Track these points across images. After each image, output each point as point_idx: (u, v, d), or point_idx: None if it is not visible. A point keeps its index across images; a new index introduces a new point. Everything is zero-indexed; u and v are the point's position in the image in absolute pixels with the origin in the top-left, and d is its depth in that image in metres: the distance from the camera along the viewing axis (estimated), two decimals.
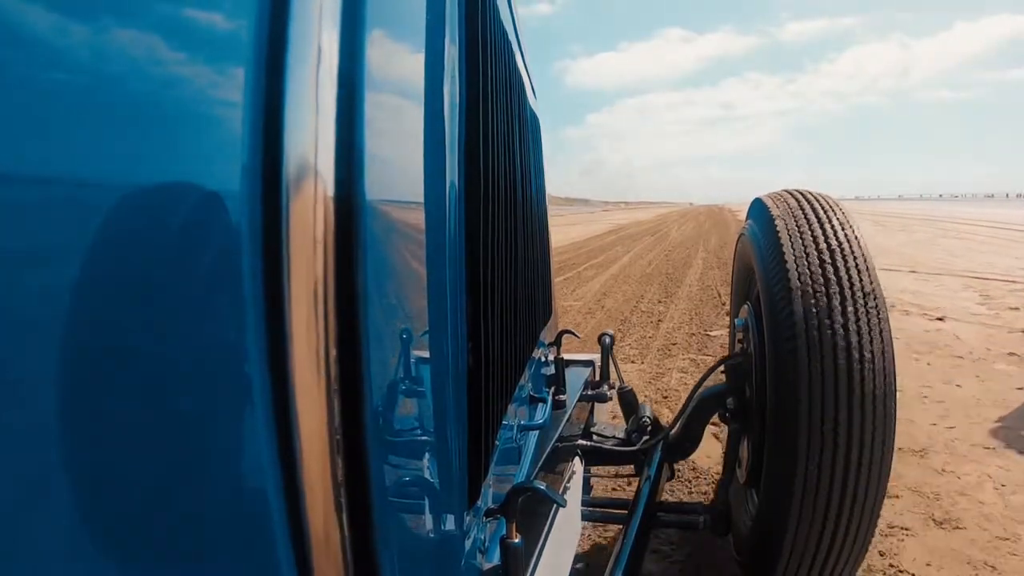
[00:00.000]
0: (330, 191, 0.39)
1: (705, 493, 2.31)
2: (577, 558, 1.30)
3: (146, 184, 0.31)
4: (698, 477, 2.44)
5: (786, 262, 1.35)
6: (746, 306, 1.71)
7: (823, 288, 1.30)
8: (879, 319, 1.28)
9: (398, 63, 0.55)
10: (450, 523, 0.65)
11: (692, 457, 1.95)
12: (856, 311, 1.28)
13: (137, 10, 0.31)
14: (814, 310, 1.29)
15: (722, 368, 1.72)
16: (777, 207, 1.51)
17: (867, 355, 1.25)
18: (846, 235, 1.38)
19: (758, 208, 1.61)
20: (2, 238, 0.25)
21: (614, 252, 12.81)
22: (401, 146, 0.54)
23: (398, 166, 0.53)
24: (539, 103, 1.66)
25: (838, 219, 1.42)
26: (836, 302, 1.28)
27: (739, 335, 1.72)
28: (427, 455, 0.59)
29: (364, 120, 0.42)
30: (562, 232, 21.02)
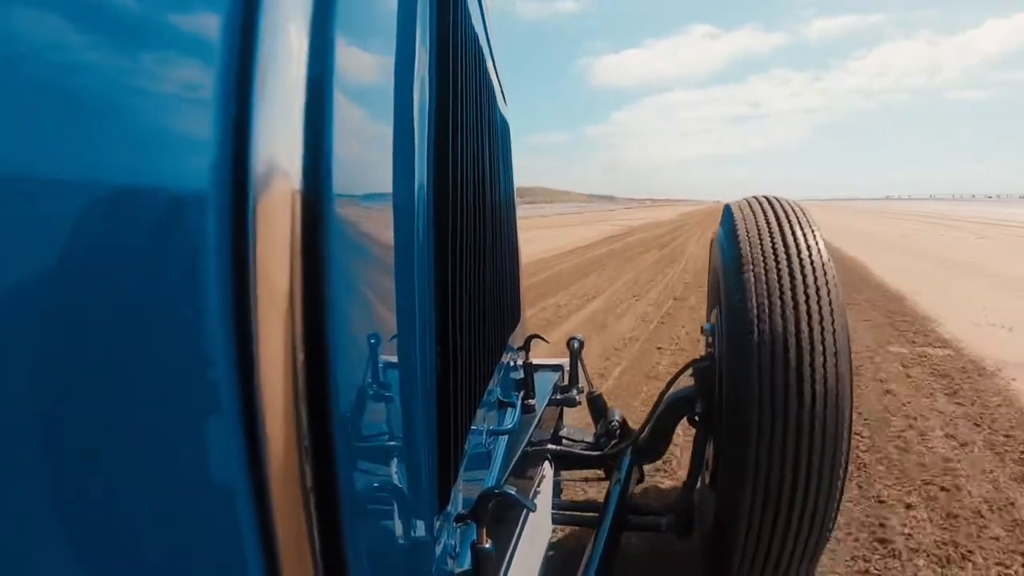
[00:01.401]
0: (298, 194, 0.38)
1: None
2: (547, 561, 1.30)
3: (112, 185, 0.31)
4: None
5: (743, 265, 1.38)
6: (716, 310, 1.73)
7: (779, 299, 1.32)
8: (833, 321, 1.30)
9: (368, 65, 0.55)
10: (420, 529, 0.65)
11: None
12: (809, 315, 1.29)
13: (105, 9, 0.30)
14: (767, 312, 1.31)
15: (691, 372, 1.74)
16: (740, 212, 1.54)
17: (818, 356, 1.26)
18: (807, 244, 1.40)
19: (726, 214, 1.63)
20: None
21: (580, 286, 7.75)
22: (370, 149, 0.54)
23: (367, 169, 0.53)
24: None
25: (798, 222, 1.45)
26: (791, 313, 1.30)
27: (708, 339, 1.74)
28: (396, 461, 0.59)
29: (333, 122, 0.42)
30: (550, 237, 16.56)
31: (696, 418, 1.68)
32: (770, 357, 1.27)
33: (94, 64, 0.29)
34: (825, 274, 1.35)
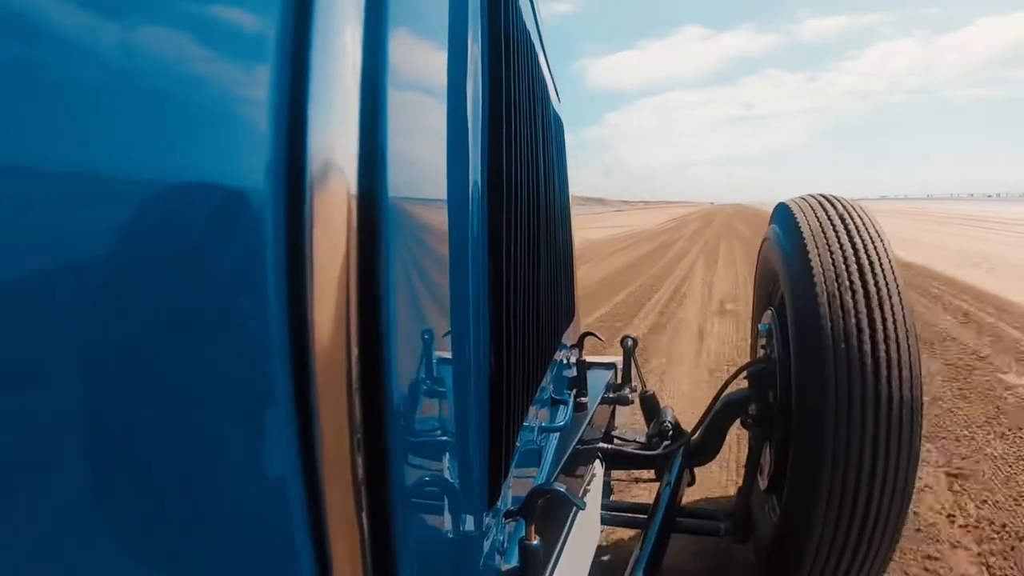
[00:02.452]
0: (353, 190, 0.39)
1: None
2: (596, 562, 1.29)
3: (169, 182, 0.31)
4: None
5: (811, 266, 1.35)
6: (769, 311, 1.70)
7: (849, 293, 1.29)
8: (905, 322, 1.27)
9: (421, 63, 0.55)
10: (469, 523, 0.65)
11: None
12: (882, 315, 1.27)
13: (161, 7, 0.31)
14: (840, 315, 1.28)
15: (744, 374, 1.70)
16: (801, 211, 1.50)
17: (893, 359, 1.24)
18: (871, 238, 1.37)
19: (782, 212, 1.59)
20: (33, 236, 0.25)
21: None
22: (424, 145, 0.55)
23: (421, 165, 0.53)
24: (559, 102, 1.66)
25: (862, 222, 1.41)
26: (862, 307, 1.28)
27: (762, 341, 1.70)
28: (447, 455, 0.59)
29: (387, 119, 0.42)
30: None
31: (750, 421, 1.65)
32: (845, 356, 1.25)
33: (154, 65, 0.30)
34: (892, 270, 1.32)
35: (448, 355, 0.58)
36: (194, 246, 0.32)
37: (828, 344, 1.27)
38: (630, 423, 2.15)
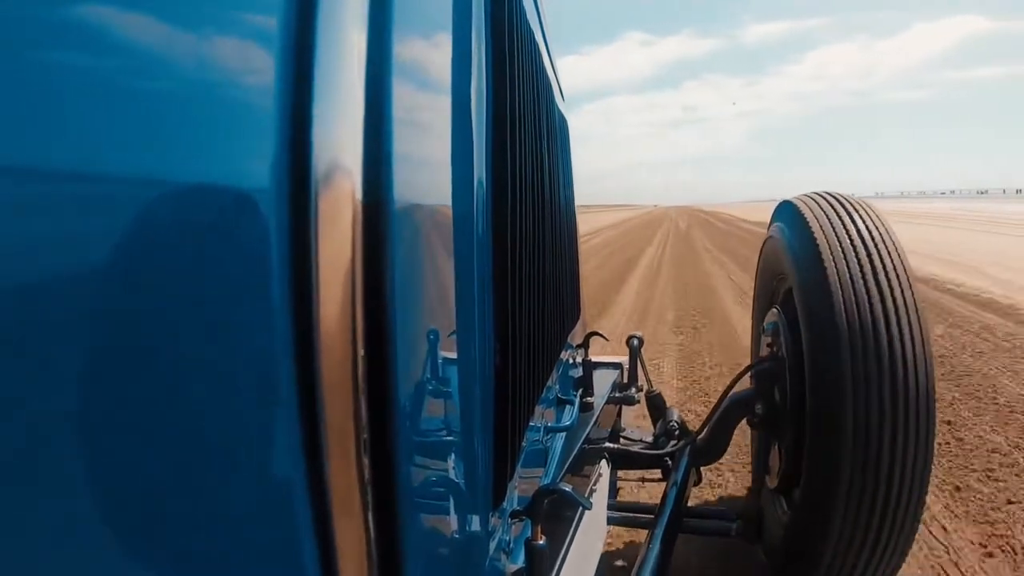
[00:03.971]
0: (359, 191, 0.39)
1: None
2: (602, 561, 1.29)
3: (174, 184, 0.31)
4: None
5: (823, 261, 1.35)
6: (774, 310, 1.69)
7: (863, 290, 1.29)
8: (916, 312, 1.28)
9: (425, 63, 0.55)
10: (475, 524, 0.65)
11: None
12: (895, 305, 1.28)
13: (166, 9, 0.31)
14: (854, 307, 1.29)
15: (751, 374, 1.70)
16: (809, 208, 1.50)
17: (907, 348, 1.25)
18: (880, 235, 1.38)
19: (788, 211, 1.59)
20: (37, 237, 0.25)
21: None
22: (429, 146, 0.55)
23: (426, 166, 0.53)
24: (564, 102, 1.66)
25: (871, 219, 1.42)
26: (876, 303, 1.28)
27: (767, 339, 1.70)
28: (453, 455, 0.59)
29: (392, 120, 0.42)
30: None
31: (756, 420, 1.65)
32: (861, 347, 1.26)
33: (156, 64, 0.30)
34: (902, 262, 1.34)
35: (454, 355, 0.58)
36: (199, 248, 0.32)
37: (844, 336, 1.28)
38: (635, 424, 2.15)
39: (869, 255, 1.34)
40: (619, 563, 1.91)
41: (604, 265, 10.48)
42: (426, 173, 0.53)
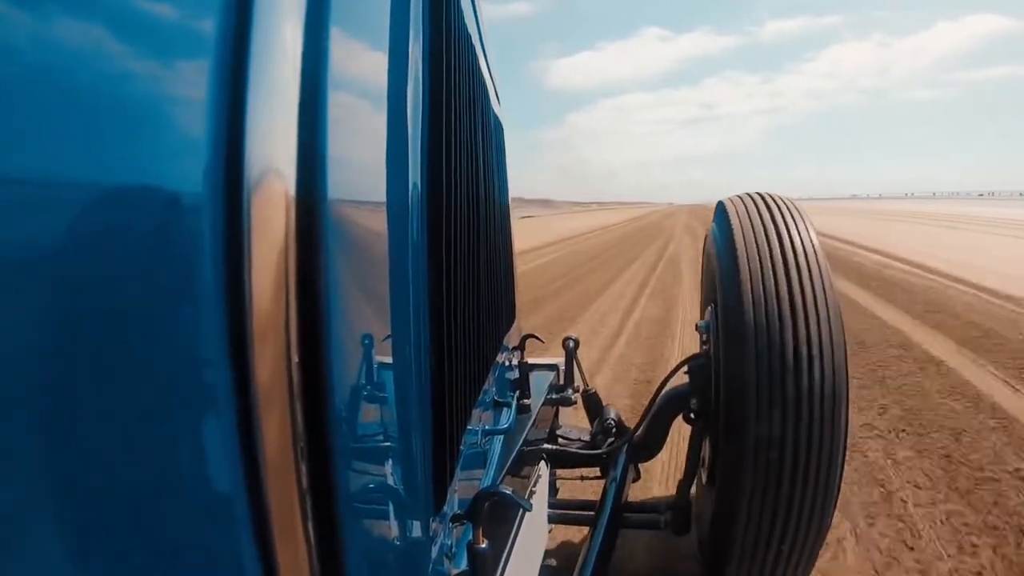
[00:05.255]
0: (292, 192, 0.38)
1: None
2: (544, 561, 1.30)
3: (105, 184, 0.30)
4: None
5: (738, 263, 1.38)
6: (710, 307, 1.74)
7: (773, 287, 1.32)
8: (829, 317, 1.30)
9: (361, 65, 0.54)
10: (417, 529, 0.65)
11: None
12: (805, 310, 1.29)
13: (97, 9, 0.30)
14: (763, 309, 1.31)
15: (686, 369, 1.74)
16: (734, 208, 1.54)
17: (815, 354, 1.26)
18: (800, 236, 1.40)
19: (719, 210, 1.63)
20: None
21: None
22: (364, 148, 0.54)
23: (361, 168, 0.53)
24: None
25: (794, 221, 1.45)
26: (785, 302, 1.30)
27: (703, 337, 1.74)
28: (392, 461, 0.59)
29: (327, 122, 0.42)
30: None
31: (692, 415, 1.69)
32: (767, 351, 1.27)
33: (86, 64, 0.29)
34: (819, 267, 1.36)
35: (389, 359, 0.58)
36: (131, 251, 0.31)
37: (751, 338, 1.29)
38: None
39: (784, 257, 1.36)
40: (555, 561, 1.92)
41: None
42: (361, 175, 0.53)
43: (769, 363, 1.27)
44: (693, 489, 1.72)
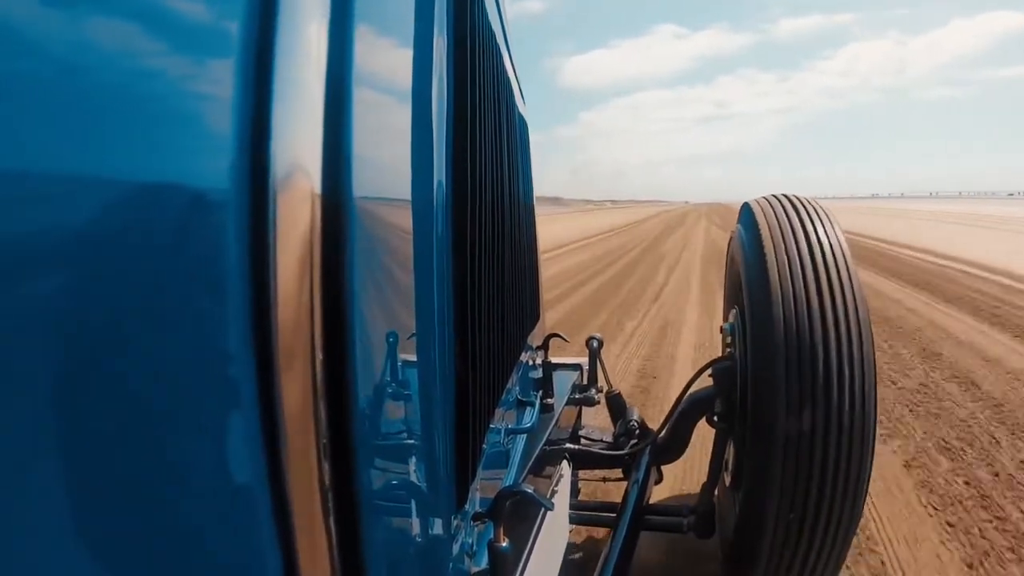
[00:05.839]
0: (318, 191, 0.38)
1: None
2: (565, 561, 1.29)
3: (131, 183, 0.31)
4: None
5: (767, 264, 1.37)
6: (734, 310, 1.72)
7: (803, 293, 1.31)
8: (859, 319, 1.29)
9: (385, 64, 0.55)
10: (438, 527, 0.65)
11: None
12: (835, 312, 1.28)
13: (121, 6, 0.30)
14: (792, 312, 1.30)
15: (710, 372, 1.72)
16: (761, 209, 1.53)
17: (845, 357, 1.25)
18: (830, 240, 1.39)
19: (746, 212, 1.62)
20: None
21: None
22: (389, 147, 0.54)
23: (386, 167, 0.53)
24: (530, 101, 1.67)
25: (822, 223, 1.43)
26: (815, 304, 1.29)
27: (726, 339, 1.72)
28: (414, 459, 0.59)
29: (352, 121, 0.42)
30: None
31: (715, 419, 1.67)
32: (796, 355, 1.26)
33: (112, 64, 0.30)
34: (848, 269, 1.34)
35: (413, 358, 0.58)
36: (156, 249, 0.32)
37: (780, 341, 1.28)
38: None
39: (813, 259, 1.35)
40: (580, 559, 1.92)
41: None
42: (386, 173, 0.53)
43: (800, 363, 1.26)
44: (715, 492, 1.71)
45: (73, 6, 0.28)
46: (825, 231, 1.41)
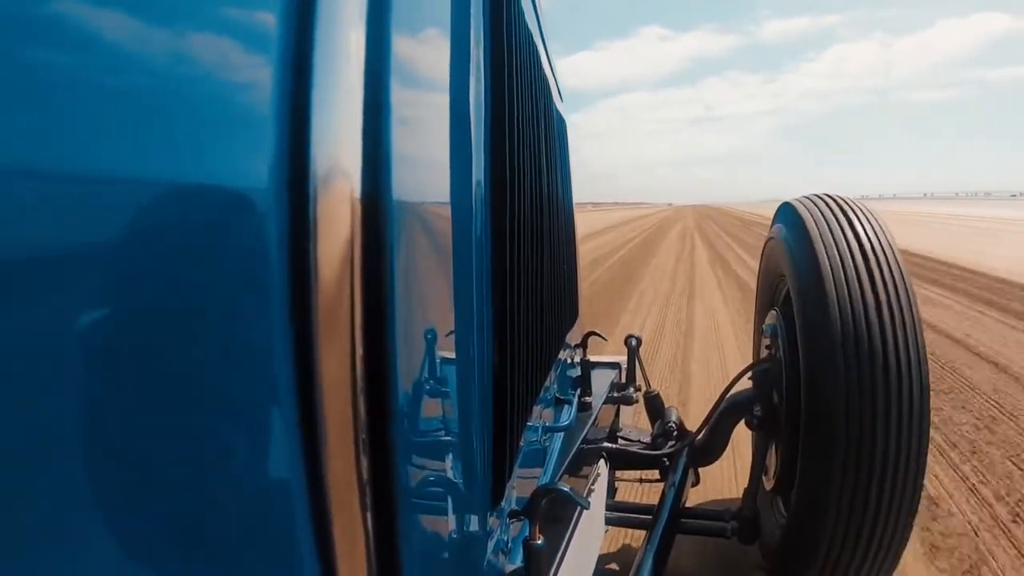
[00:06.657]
0: (357, 191, 0.39)
1: None
2: (600, 561, 1.29)
3: (171, 184, 0.31)
4: None
5: (819, 262, 1.36)
6: (774, 311, 1.69)
7: (859, 293, 1.30)
8: (911, 312, 1.29)
9: (424, 64, 0.55)
10: (474, 524, 0.65)
11: None
12: (889, 306, 1.29)
13: (163, 8, 0.31)
14: (848, 307, 1.30)
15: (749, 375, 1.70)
16: (807, 209, 1.51)
17: (901, 349, 1.26)
18: (878, 238, 1.38)
19: (788, 212, 1.59)
20: (35, 237, 0.25)
21: None
22: (428, 146, 0.55)
23: (425, 166, 0.53)
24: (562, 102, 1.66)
25: (870, 223, 1.42)
26: (872, 306, 1.29)
27: (766, 341, 1.70)
28: (452, 455, 0.59)
29: (391, 119, 0.42)
30: None
31: (755, 421, 1.65)
32: (855, 354, 1.27)
33: (156, 66, 0.30)
34: (897, 261, 1.35)
35: (452, 355, 0.58)
36: (198, 249, 0.32)
37: (838, 339, 1.28)
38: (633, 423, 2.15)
39: (866, 258, 1.35)
40: (615, 564, 1.91)
41: None
42: (425, 173, 0.53)
43: (859, 363, 1.26)
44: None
45: (119, 8, 0.29)
46: (874, 230, 1.41)
